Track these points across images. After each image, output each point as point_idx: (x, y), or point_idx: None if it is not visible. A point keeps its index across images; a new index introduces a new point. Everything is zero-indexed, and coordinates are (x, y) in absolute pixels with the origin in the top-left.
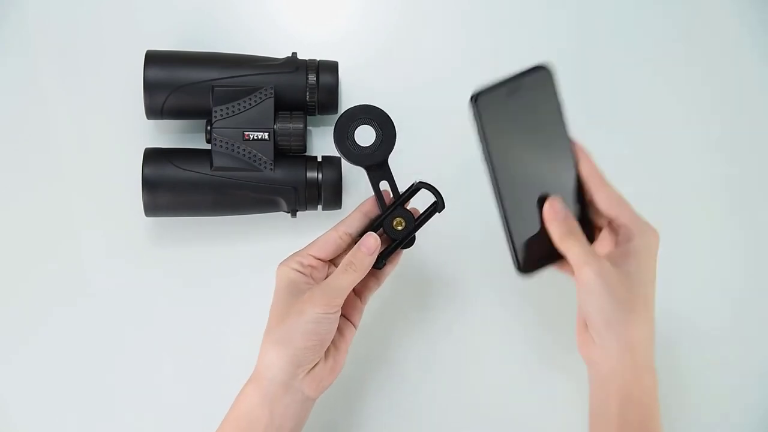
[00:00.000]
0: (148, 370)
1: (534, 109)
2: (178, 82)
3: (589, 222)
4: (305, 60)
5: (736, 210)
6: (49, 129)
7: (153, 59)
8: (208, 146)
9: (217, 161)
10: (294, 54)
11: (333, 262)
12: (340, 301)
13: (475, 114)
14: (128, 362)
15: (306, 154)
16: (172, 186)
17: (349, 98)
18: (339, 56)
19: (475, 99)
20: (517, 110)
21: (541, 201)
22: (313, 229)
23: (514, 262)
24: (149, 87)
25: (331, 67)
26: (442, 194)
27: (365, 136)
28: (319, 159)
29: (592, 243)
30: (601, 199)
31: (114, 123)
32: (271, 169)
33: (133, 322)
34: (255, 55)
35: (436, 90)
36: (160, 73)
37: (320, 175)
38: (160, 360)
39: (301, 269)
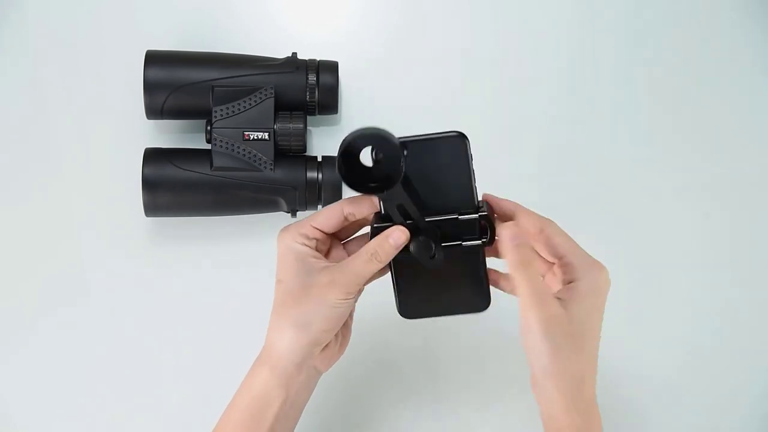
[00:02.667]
0: (148, 370)
1: (444, 170)
2: (178, 82)
3: None
4: (305, 60)
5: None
6: (49, 129)
7: (153, 59)
8: (208, 146)
9: (217, 161)
10: (294, 54)
11: (335, 235)
12: (361, 288)
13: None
14: (128, 362)
15: (306, 154)
16: (172, 186)
17: (349, 98)
18: (339, 56)
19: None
20: (427, 167)
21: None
22: None
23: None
24: (149, 87)
25: (331, 67)
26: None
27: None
28: (319, 159)
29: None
30: (549, 238)
31: (114, 123)
32: (271, 169)
33: (133, 321)
34: (255, 55)
35: (436, 90)
36: (160, 73)
37: (320, 175)
38: (161, 359)
39: (306, 242)
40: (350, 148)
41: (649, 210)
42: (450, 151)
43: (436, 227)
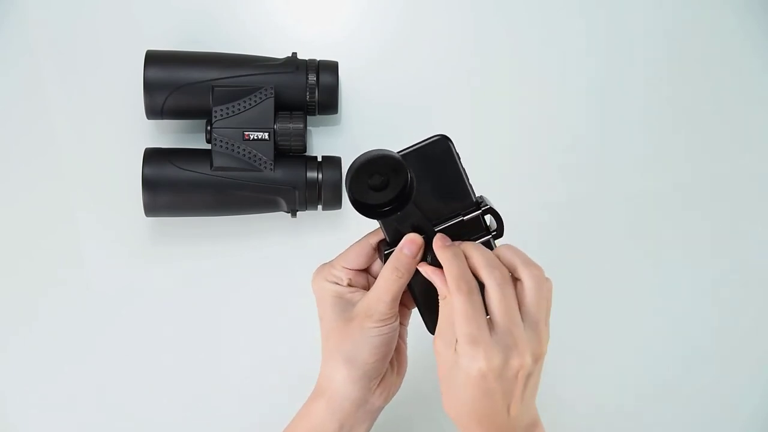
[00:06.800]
0: (148, 370)
1: (436, 175)
2: (178, 82)
3: None
4: (305, 60)
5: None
6: (49, 129)
7: (153, 59)
8: (208, 146)
9: (217, 161)
10: (294, 54)
11: (367, 270)
12: (396, 308)
13: None
14: (128, 362)
15: (306, 154)
16: (172, 186)
17: (349, 98)
18: (339, 56)
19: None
20: (420, 177)
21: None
22: (313, 229)
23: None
24: (149, 87)
25: (331, 67)
26: (503, 221)
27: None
28: (319, 159)
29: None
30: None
31: (114, 123)
32: (271, 169)
33: (133, 321)
34: (255, 55)
35: (437, 90)
36: (160, 73)
37: (320, 175)
38: (160, 359)
39: (338, 281)
40: (357, 176)
41: (654, 213)
42: (437, 155)
43: (446, 235)
